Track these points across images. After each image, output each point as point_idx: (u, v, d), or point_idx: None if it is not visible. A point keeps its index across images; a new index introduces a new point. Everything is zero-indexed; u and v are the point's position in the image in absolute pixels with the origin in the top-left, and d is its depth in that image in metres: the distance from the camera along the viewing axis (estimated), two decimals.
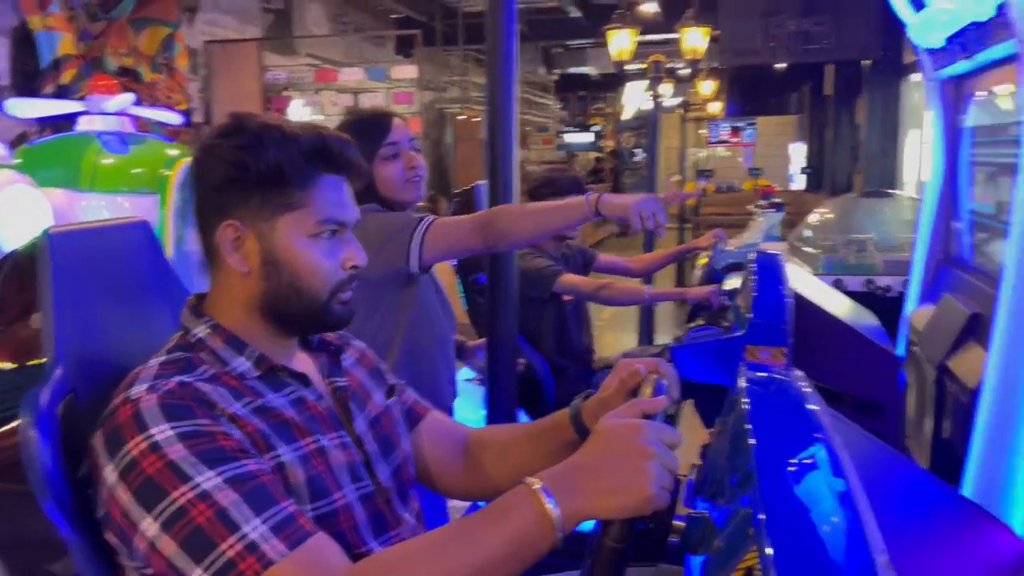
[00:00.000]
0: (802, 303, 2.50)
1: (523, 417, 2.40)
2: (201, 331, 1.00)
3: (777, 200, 6.63)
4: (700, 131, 16.64)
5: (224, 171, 0.99)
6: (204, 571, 0.81)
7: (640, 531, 0.82)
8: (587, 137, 16.93)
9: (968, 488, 1.98)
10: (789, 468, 0.91)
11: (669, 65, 6.59)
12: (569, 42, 12.34)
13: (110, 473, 0.87)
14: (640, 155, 17.68)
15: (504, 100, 1.82)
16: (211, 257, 1.03)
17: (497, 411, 1.99)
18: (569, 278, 2.68)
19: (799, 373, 1.27)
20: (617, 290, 2.76)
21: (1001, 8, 2.11)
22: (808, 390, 1.18)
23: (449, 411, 1.97)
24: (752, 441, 0.94)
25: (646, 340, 5.42)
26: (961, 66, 2.70)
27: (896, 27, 3.32)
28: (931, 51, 2.89)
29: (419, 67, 6.49)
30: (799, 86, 13.37)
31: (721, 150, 17.04)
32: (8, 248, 2.23)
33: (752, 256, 2.80)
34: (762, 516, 0.77)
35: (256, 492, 0.85)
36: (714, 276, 3.10)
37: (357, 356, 1.18)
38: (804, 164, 12.79)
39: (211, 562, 0.81)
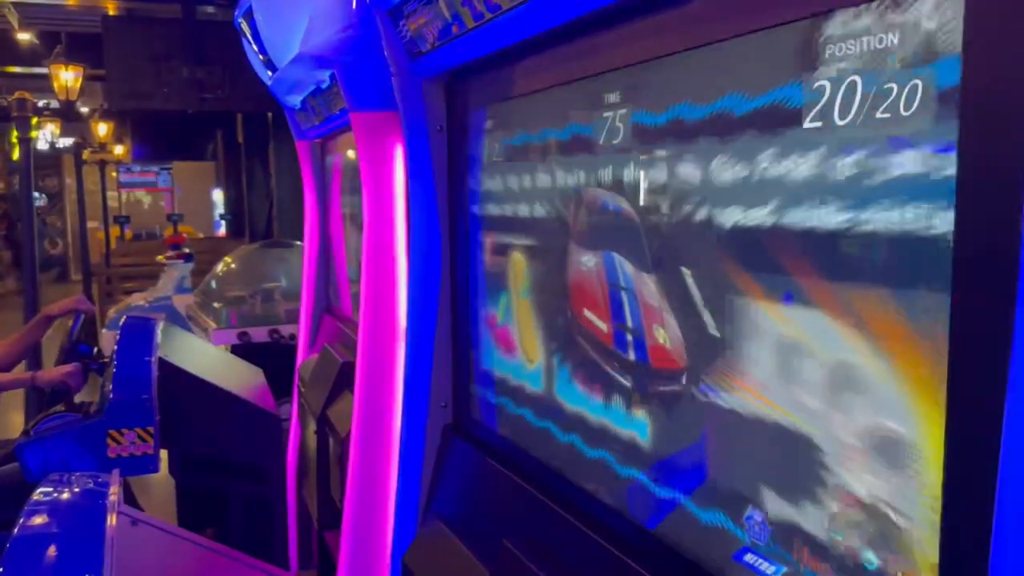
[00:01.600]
0: (172, 372, 2.30)
1: None
2: None
3: (186, 250, 6.35)
4: (114, 174, 15.49)
5: None
6: None
7: None
8: None
9: (345, 544, 2.01)
10: None
11: (46, 102, 5.81)
12: None
13: None
14: (41, 199, 15.59)
15: None
16: None
17: None
18: None
19: (108, 486, 1.09)
20: None
21: (332, 77, 2.23)
22: (109, 505, 1.02)
23: None
24: None
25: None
26: (320, 127, 2.84)
27: None
28: (294, 110, 2.99)
29: None
30: (213, 132, 13.31)
31: (141, 194, 16.17)
32: None
33: (122, 321, 2.51)
34: None
35: None
36: (79, 350, 2.69)
37: None
38: (224, 210, 12.77)
39: None
